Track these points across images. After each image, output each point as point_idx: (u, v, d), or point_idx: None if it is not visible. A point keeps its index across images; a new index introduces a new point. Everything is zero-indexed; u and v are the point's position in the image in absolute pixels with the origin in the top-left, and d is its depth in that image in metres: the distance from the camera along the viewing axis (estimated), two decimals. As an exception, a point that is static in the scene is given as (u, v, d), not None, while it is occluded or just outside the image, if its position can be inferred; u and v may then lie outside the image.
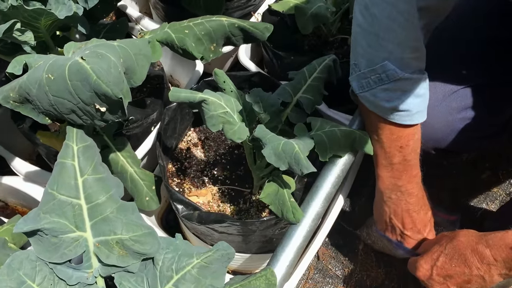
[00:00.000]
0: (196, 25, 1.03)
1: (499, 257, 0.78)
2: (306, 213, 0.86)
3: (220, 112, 0.86)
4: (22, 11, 0.88)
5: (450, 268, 0.85)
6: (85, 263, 0.66)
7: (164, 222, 1.35)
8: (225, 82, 0.96)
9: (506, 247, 0.77)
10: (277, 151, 0.82)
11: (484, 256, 0.80)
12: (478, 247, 0.81)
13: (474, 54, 0.99)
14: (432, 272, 0.87)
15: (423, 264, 0.89)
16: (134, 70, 0.75)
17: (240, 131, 0.88)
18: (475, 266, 0.81)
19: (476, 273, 0.81)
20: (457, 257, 0.84)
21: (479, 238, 0.83)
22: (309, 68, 1.00)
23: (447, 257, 0.85)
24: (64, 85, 0.67)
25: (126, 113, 0.71)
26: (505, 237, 0.78)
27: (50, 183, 0.66)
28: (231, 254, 0.68)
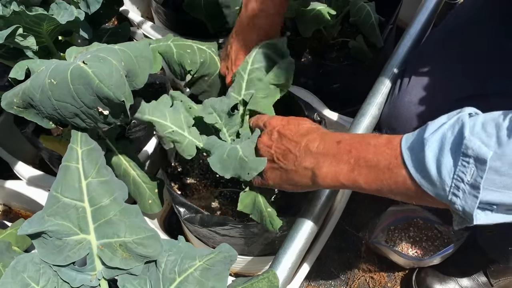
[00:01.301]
0: (199, 50, 1.03)
1: (322, 147, 0.74)
2: (307, 215, 0.87)
3: (167, 132, 0.87)
4: (24, 16, 0.89)
5: (289, 129, 0.80)
6: (89, 265, 0.67)
7: (166, 225, 1.36)
8: (182, 102, 0.95)
9: (334, 141, 0.73)
10: (221, 158, 0.82)
11: (313, 142, 0.75)
12: (316, 133, 0.77)
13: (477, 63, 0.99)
14: (277, 126, 0.82)
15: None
16: (136, 73, 0.76)
17: (189, 148, 0.89)
18: (299, 145, 0.76)
19: (294, 152, 0.77)
20: (303, 131, 0.79)
21: (327, 131, 0.79)
22: (242, 65, 0.97)
23: (298, 125, 0.81)
24: (67, 89, 0.68)
25: (129, 116, 0.71)
26: (340, 135, 0.74)
27: (55, 186, 0.67)
28: (234, 256, 0.68)
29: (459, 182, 0.56)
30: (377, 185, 0.66)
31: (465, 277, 1.27)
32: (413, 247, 1.34)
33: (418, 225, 1.36)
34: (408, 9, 1.55)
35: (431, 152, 0.58)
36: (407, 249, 1.34)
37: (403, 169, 0.62)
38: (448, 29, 1.09)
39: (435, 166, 0.58)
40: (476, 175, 0.55)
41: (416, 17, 1.12)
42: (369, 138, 0.69)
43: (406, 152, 0.62)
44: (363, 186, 0.68)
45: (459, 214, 0.59)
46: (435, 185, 0.59)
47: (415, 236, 1.35)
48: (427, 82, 1.01)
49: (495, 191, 0.55)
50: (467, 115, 0.59)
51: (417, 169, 0.61)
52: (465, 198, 0.57)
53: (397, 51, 1.08)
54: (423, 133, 0.61)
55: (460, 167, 0.56)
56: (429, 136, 0.59)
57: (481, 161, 0.54)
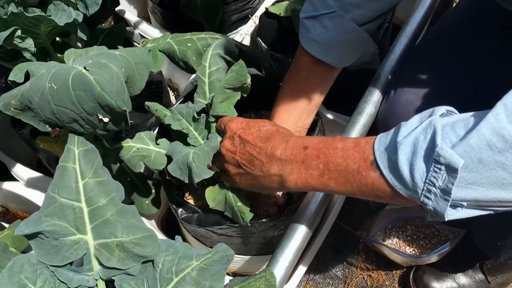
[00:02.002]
0: (199, 40, 1.04)
1: (289, 153, 0.73)
2: (304, 214, 0.87)
3: (132, 151, 0.89)
4: (23, 18, 0.89)
5: (250, 134, 0.79)
6: (86, 265, 0.67)
7: (164, 225, 1.36)
8: (157, 111, 0.96)
9: (300, 146, 0.73)
10: (179, 164, 0.84)
11: (278, 148, 0.74)
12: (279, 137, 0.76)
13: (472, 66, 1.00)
14: (237, 130, 0.81)
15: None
16: (134, 79, 0.76)
17: (158, 159, 0.90)
18: (264, 151, 0.76)
19: (260, 159, 0.76)
20: (264, 134, 0.78)
21: (290, 134, 0.79)
22: (200, 69, 0.97)
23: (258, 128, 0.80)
24: (67, 94, 0.68)
25: (129, 124, 0.72)
26: (305, 140, 0.74)
27: (52, 186, 0.67)
28: (231, 256, 0.69)
29: (431, 186, 0.57)
30: (347, 187, 0.67)
31: (463, 275, 1.27)
32: (411, 245, 1.34)
33: (415, 223, 1.36)
34: (404, 7, 1.55)
35: (404, 155, 0.59)
36: (404, 247, 1.34)
37: (372, 171, 0.63)
38: (445, 28, 1.09)
39: (408, 170, 0.59)
40: (448, 181, 0.56)
41: (412, 15, 1.12)
42: (336, 142, 0.70)
43: (379, 154, 0.63)
44: (335, 190, 0.69)
45: (431, 212, 0.60)
46: (408, 187, 0.60)
47: (412, 234, 1.35)
48: (423, 81, 1.02)
49: (465, 187, 0.56)
50: (438, 118, 0.59)
51: (391, 170, 0.61)
52: (436, 201, 0.58)
53: (393, 50, 1.08)
54: (396, 136, 0.62)
55: (432, 173, 0.57)
56: (402, 140, 0.60)
57: (452, 169, 0.55)
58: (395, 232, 1.36)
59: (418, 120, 0.62)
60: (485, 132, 0.54)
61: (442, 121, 0.58)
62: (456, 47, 1.02)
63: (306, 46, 0.93)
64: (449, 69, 1.01)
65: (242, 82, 0.91)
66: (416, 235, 1.35)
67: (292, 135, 0.77)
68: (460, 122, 0.57)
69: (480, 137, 0.54)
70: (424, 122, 0.60)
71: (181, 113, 0.93)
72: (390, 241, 1.35)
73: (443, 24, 1.10)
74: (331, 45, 0.92)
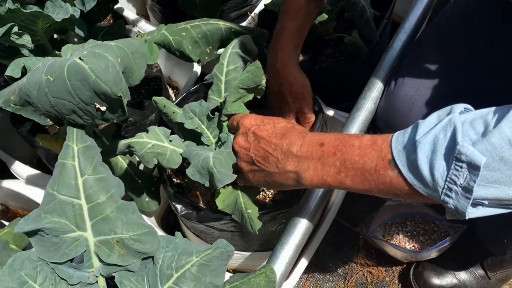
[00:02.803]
0: (193, 28, 1.04)
1: (305, 150, 0.73)
2: (304, 210, 0.87)
3: (147, 148, 0.86)
4: (20, 14, 0.88)
5: (265, 130, 0.79)
6: (86, 262, 0.67)
7: (164, 222, 1.36)
8: (165, 107, 0.95)
9: (316, 143, 0.72)
10: (198, 168, 0.82)
11: (294, 144, 0.74)
12: (295, 134, 0.76)
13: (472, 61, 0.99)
14: (251, 126, 0.80)
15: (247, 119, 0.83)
16: (132, 69, 0.76)
17: (173, 157, 0.88)
18: (280, 148, 0.75)
19: (276, 155, 0.76)
20: (279, 131, 0.78)
21: (306, 131, 0.78)
22: (218, 67, 0.97)
23: (273, 125, 0.79)
24: (64, 85, 0.68)
25: (126, 112, 0.71)
26: (321, 136, 0.73)
27: (51, 183, 0.67)
28: (231, 252, 0.69)
29: (452, 184, 0.57)
30: (365, 185, 0.67)
31: (463, 270, 1.28)
32: (410, 241, 1.34)
33: (415, 219, 1.37)
34: (403, 3, 1.55)
35: (423, 154, 0.59)
36: (404, 243, 1.34)
37: (390, 170, 0.63)
38: (444, 23, 1.09)
39: (428, 168, 0.58)
40: (469, 179, 0.56)
41: (411, 11, 1.12)
42: (352, 139, 0.69)
43: (397, 153, 0.62)
44: (351, 187, 0.69)
45: (451, 211, 0.60)
46: (428, 185, 0.59)
47: (412, 230, 1.35)
48: (422, 76, 1.01)
49: (487, 186, 0.56)
50: (457, 115, 0.59)
51: (410, 169, 0.61)
52: (457, 199, 0.57)
53: (392, 46, 1.08)
54: (414, 134, 0.61)
55: (453, 171, 0.57)
56: (421, 138, 0.60)
57: (474, 167, 0.55)
58: (394, 228, 1.36)
59: (436, 118, 0.61)
60: (507, 131, 0.54)
61: (461, 118, 0.58)
62: (456, 42, 1.02)
63: None
64: (448, 63, 1.01)
65: (257, 83, 0.90)
66: (415, 230, 1.35)
67: (308, 132, 0.77)
68: (478, 119, 0.57)
69: (501, 135, 0.54)
70: (443, 120, 0.59)
71: (193, 112, 0.92)
72: (389, 237, 1.35)
73: (442, 19, 1.10)
74: None
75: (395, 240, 1.34)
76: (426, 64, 1.02)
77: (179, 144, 0.91)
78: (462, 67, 0.99)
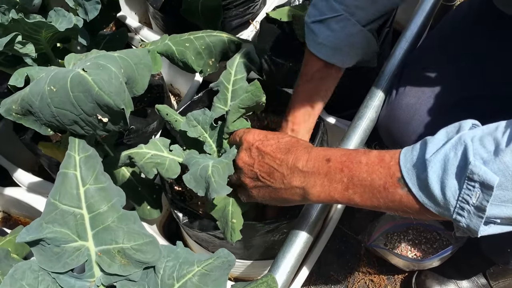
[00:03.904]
0: (196, 39, 1.05)
1: (311, 166, 0.72)
2: (305, 220, 0.87)
3: (146, 158, 0.86)
4: (23, 24, 0.89)
5: (269, 145, 0.78)
6: (87, 272, 0.67)
7: (166, 230, 1.36)
8: (168, 115, 0.95)
9: (323, 159, 0.72)
10: (196, 176, 0.81)
11: (300, 159, 0.73)
12: (300, 149, 0.75)
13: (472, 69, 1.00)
14: (255, 142, 0.80)
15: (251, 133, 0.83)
16: (136, 80, 0.76)
17: (172, 167, 0.87)
18: (285, 163, 0.75)
19: (281, 171, 0.75)
20: (284, 146, 0.77)
21: (311, 145, 0.78)
22: (225, 75, 0.97)
23: (277, 140, 0.79)
24: (67, 96, 0.68)
25: (128, 123, 0.72)
26: (327, 152, 0.73)
27: (53, 193, 0.67)
28: (232, 261, 0.69)
29: (464, 203, 0.57)
30: (373, 202, 0.66)
31: (465, 279, 1.27)
32: (412, 250, 1.34)
33: (417, 227, 1.36)
34: (404, 12, 1.56)
35: (434, 173, 0.58)
36: (406, 252, 1.34)
37: (400, 188, 0.63)
38: (445, 32, 1.09)
39: (439, 187, 0.58)
40: (482, 198, 0.55)
41: (412, 20, 1.12)
42: (359, 155, 0.69)
43: (406, 171, 0.62)
44: (359, 204, 0.68)
45: (463, 229, 0.60)
46: (439, 204, 0.59)
47: (414, 238, 1.35)
48: (424, 85, 1.02)
49: (500, 205, 0.56)
50: (467, 133, 0.59)
51: (420, 188, 0.61)
52: (470, 218, 0.57)
53: (393, 54, 1.08)
54: (423, 152, 0.61)
55: (465, 190, 0.56)
56: (431, 157, 0.59)
57: (487, 186, 0.54)
58: (396, 236, 1.36)
59: (445, 135, 0.61)
60: None
61: (470, 135, 0.58)
62: (456, 50, 1.02)
63: (314, 50, 0.93)
64: (449, 72, 1.01)
65: (257, 102, 0.91)
66: (417, 239, 1.35)
67: (313, 147, 0.76)
68: (487, 136, 0.57)
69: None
70: (452, 138, 0.59)
71: (197, 120, 0.91)
72: (391, 245, 1.35)
73: (442, 28, 1.10)
74: (338, 47, 0.92)
75: (397, 249, 1.34)
76: (428, 72, 1.02)
77: (179, 153, 0.91)
78: (463, 75, 0.99)
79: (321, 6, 0.91)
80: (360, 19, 0.91)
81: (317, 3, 0.92)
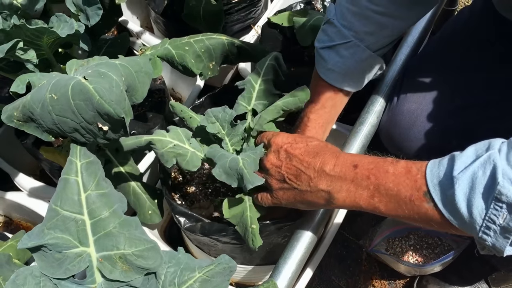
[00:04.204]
0: (196, 42, 1.05)
1: (338, 170, 0.73)
2: (307, 224, 0.87)
3: (168, 147, 0.86)
4: (25, 30, 0.89)
5: (298, 148, 0.79)
6: (89, 278, 0.67)
7: (167, 234, 1.36)
8: (182, 111, 0.96)
9: (350, 164, 0.72)
10: (225, 168, 0.82)
11: (328, 163, 0.74)
12: (328, 153, 0.76)
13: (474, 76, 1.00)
14: (283, 144, 0.81)
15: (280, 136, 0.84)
16: (136, 88, 0.76)
17: (193, 159, 0.88)
18: (312, 166, 0.75)
19: (308, 173, 0.76)
20: (312, 149, 0.78)
21: (339, 150, 0.79)
22: (253, 75, 0.99)
23: (306, 143, 0.80)
24: (68, 104, 0.68)
25: (128, 132, 0.72)
26: (355, 158, 0.74)
27: (54, 199, 0.67)
28: (233, 267, 0.69)
29: (491, 223, 0.57)
30: (398, 212, 0.67)
31: (467, 285, 1.27)
32: (414, 255, 1.33)
33: (419, 232, 1.36)
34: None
35: (461, 191, 0.58)
36: (407, 257, 1.33)
37: (426, 202, 0.63)
38: (446, 37, 1.09)
39: (466, 205, 0.58)
40: (509, 219, 0.55)
41: (413, 26, 1.13)
42: (386, 164, 0.69)
43: (433, 186, 0.62)
44: (384, 212, 0.69)
45: (488, 248, 0.60)
46: (465, 222, 0.59)
47: (415, 243, 1.35)
48: (425, 91, 1.02)
49: None
50: (497, 152, 0.58)
51: (446, 205, 0.61)
52: (496, 237, 0.57)
53: (395, 60, 1.08)
54: (451, 169, 0.61)
55: (492, 210, 0.56)
56: (458, 175, 0.59)
57: None
58: (398, 241, 1.36)
59: (474, 152, 0.61)
60: None
61: (500, 155, 0.58)
62: (457, 57, 1.03)
63: (324, 76, 0.94)
64: (450, 78, 1.01)
65: (297, 108, 0.92)
66: (419, 244, 1.35)
67: (341, 152, 0.77)
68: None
69: None
70: (481, 156, 0.59)
71: (216, 117, 0.92)
72: (393, 250, 1.34)
73: (444, 34, 1.10)
74: (348, 73, 0.93)
75: (399, 254, 1.34)
76: (429, 78, 1.02)
77: (197, 147, 0.91)
78: (465, 81, 0.99)
79: (331, 33, 0.92)
80: (369, 44, 0.92)
81: (326, 29, 0.93)
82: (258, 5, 1.56)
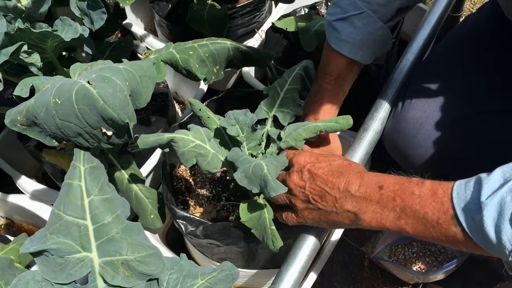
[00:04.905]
0: (200, 47, 1.05)
1: (363, 191, 0.72)
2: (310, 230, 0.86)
3: (190, 147, 0.85)
4: (29, 33, 0.89)
5: (321, 168, 0.78)
6: (90, 283, 0.67)
7: (169, 239, 1.35)
8: (201, 110, 0.96)
9: (375, 185, 0.72)
10: (248, 173, 0.81)
11: (352, 184, 0.74)
12: (352, 173, 0.76)
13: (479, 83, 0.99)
14: (306, 164, 0.80)
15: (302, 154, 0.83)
16: (140, 92, 0.76)
17: (214, 161, 0.87)
18: (337, 187, 0.75)
19: (333, 194, 0.75)
20: (336, 169, 0.77)
21: (363, 170, 0.78)
22: (280, 82, 0.99)
23: (329, 162, 0.79)
24: (71, 109, 0.68)
25: (132, 136, 0.71)
26: (380, 178, 0.73)
27: (57, 203, 0.67)
28: (236, 274, 0.68)
29: None
30: (425, 234, 0.67)
31: (470, 293, 1.26)
32: (417, 262, 1.33)
33: (421, 240, 1.35)
34: (411, 23, 1.55)
35: (489, 217, 0.58)
36: (410, 264, 1.33)
37: (453, 226, 0.63)
38: (451, 44, 1.09)
39: (494, 231, 0.58)
40: None
41: (418, 32, 1.12)
42: (412, 186, 0.69)
43: (460, 210, 0.62)
44: (411, 234, 0.68)
45: None
46: (493, 246, 0.59)
47: (418, 251, 1.34)
48: (430, 98, 1.01)
49: None
50: None
51: (474, 230, 0.61)
52: None
53: (399, 66, 1.08)
54: (478, 194, 0.60)
55: None
56: (486, 201, 0.59)
57: None
58: (400, 249, 1.35)
59: (501, 175, 0.60)
60: None
61: None
62: (463, 64, 1.02)
63: (337, 47, 0.95)
64: (455, 86, 1.00)
65: (334, 132, 0.93)
66: (422, 252, 1.34)
67: (366, 171, 0.77)
68: None
69: None
70: (510, 181, 0.58)
71: (236, 119, 0.91)
72: (395, 258, 1.34)
73: (449, 41, 1.10)
74: (361, 44, 0.95)
75: (401, 261, 1.33)
76: (434, 85, 1.02)
77: (217, 149, 0.91)
78: (469, 89, 0.98)
79: (344, 4, 0.94)
80: (381, 16, 0.94)
81: (339, 2, 0.95)
82: (262, 9, 1.56)
